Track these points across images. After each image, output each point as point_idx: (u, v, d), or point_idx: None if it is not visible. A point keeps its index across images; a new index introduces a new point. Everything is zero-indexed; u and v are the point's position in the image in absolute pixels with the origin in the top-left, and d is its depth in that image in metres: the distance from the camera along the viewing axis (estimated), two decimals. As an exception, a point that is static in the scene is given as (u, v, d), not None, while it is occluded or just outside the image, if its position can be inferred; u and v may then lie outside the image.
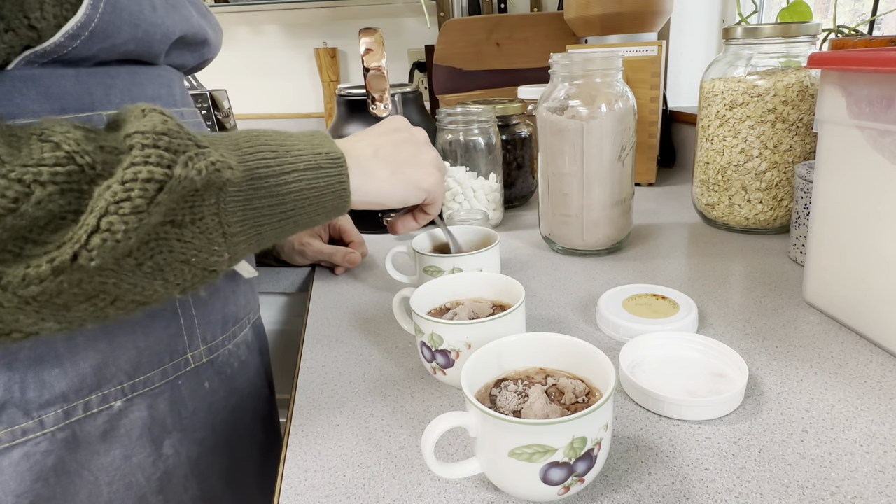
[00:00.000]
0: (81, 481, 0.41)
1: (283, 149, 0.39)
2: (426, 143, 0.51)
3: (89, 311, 0.32)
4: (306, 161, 0.40)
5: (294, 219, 0.40)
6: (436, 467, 0.34)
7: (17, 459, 0.39)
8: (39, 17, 0.34)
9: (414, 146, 0.49)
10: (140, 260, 0.32)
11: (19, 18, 0.33)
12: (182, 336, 0.46)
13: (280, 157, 0.39)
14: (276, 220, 0.39)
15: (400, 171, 0.47)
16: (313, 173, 0.40)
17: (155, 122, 0.32)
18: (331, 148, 0.42)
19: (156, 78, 0.46)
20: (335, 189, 0.42)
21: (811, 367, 0.47)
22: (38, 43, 0.35)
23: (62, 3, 0.35)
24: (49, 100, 0.38)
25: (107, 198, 0.29)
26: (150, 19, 0.41)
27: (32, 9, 0.34)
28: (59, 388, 0.39)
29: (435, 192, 0.50)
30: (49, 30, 0.35)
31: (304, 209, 0.40)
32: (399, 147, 0.48)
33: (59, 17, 0.35)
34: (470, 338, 0.43)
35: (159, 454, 0.45)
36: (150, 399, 0.44)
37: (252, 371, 0.56)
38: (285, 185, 0.38)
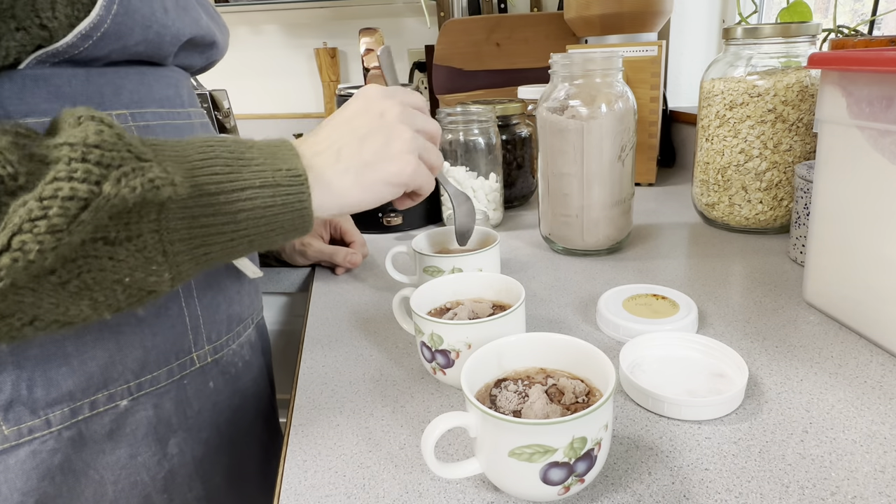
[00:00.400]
0: (87, 480, 0.42)
1: (238, 163, 0.36)
2: (398, 119, 0.43)
3: (3, 330, 0.30)
4: (263, 177, 0.37)
5: (248, 238, 0.37)
6: (436, 467, 0.34)
7: (24, 457, 0.39)
8: (51, 16, 0.34)
9: (382, 134, 0.42)
10: (64, 278, 0.30)
11: (31, 18, 0.34)
12: (188, 335, 0.46)
13: (234, 173, 0.36)
14: (226, 238, 0.36)
15: (366, 173, 0.41)
16: (270, 191, 0.37)
17: (87, 133, 0.30)
18: (292, 164, 0.38)
19: (164, 78, 0.47)
20: (295, 208, 0.38)
21: (811, 367, 0.47)
22: (49, 43, 0.36)
23: (74, 4, 0.35)
24: (59, 99, 0.38)
25: (21, 215, 0.27)
26: (162, 21, 0.41)
27: (44, 8, 0.34)
28: (66, 386, 0.40)
29: (415, 181, 0.44)
30: (61, 30, 0.35)
31: (258, 229, 0.37)
32: (364, 141, 0.42)
33: (72, 17, 0.35)
34: (470, 338, 0.43)
35: (164, 453, 0.46)
36: (156, 398, 0.45)
37: (255, 371, 0.56)
38: (238, 202, 0.35)
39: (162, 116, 0.46)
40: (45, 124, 0.37)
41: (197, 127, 0.51)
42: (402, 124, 0.43)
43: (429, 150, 0.45)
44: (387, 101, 0.44)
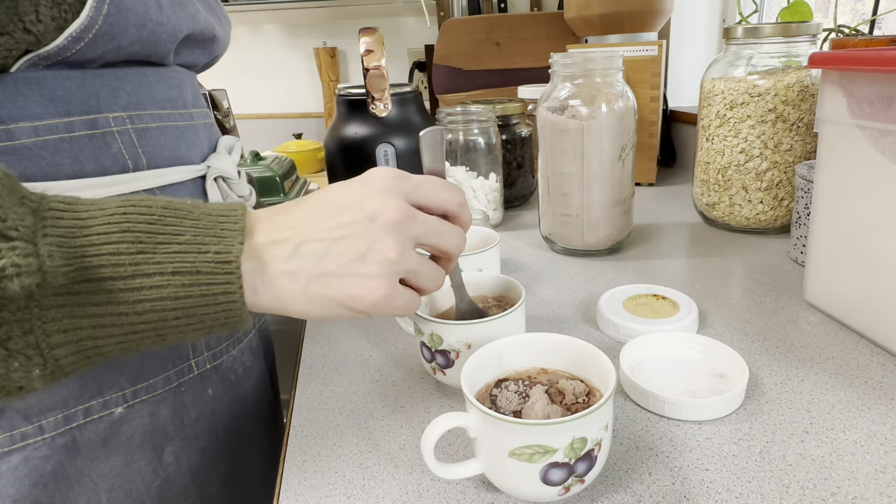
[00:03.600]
0: (81, 487, 0.41)
1: (154, 240, 0.30)
2: (391, 232, 0.34)
3: None
4: (180, 262, 0.30)
5: (157, 332, 0.31)
6: (436, 468, 0.34)
7: (17, 464, 0.38)
8: (35, 20, 0.33)
9: (359, 243, 0.33)
10: None
11: (14, 23, 0.33)
12: (186, 342, 0.45)
13: (142, 254, 0.30)
14: (125, 332, 0.30)
15: (320, 283, 0.33)
16: (185, 279, 0.30)
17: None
18: (226, 246, 0.31)
19: (165, 79, 0.46)
20: (218, 302, 0.31)
21: (812, 368, 0.47)
22: (37, 46, 0.35)
23: (59, 6, 0.34)
24: (53, 102, 0.37)
25: None
26: (156, 19, 0.40)
27: (27, 12, 0.33)
28: (60, 393, 0.39)
29: (380, 310, 0.34)
30: (48, 33, 0.34)
31: (167, 322, 0.31)
32: (334, 245, 0.33)
33: (58, 19, 0.34)
34: (470, 338, 0.43)
35: (160, 461, 0.45)
36: (152, 405, 0.44)
37: (256, 377, 0.55)
38: (141, 290, 0.30)
39: (162, 118, 0.45)
40: (38, 129, 0.36)
41: (200, 128, 0.50)
42: (391, 238, 0.33)
43: (420, 274, 0.36)
44: (389, 202, 0.34)
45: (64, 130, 0.38)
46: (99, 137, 0.40)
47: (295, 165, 1.18)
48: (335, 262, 0.33)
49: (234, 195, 0.51)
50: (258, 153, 1.11)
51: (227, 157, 0.50)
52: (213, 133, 0.53)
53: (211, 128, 0.53)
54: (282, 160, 1.13)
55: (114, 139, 0.40)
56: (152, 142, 0.43)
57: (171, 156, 0.45)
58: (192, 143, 0.48)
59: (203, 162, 0.49)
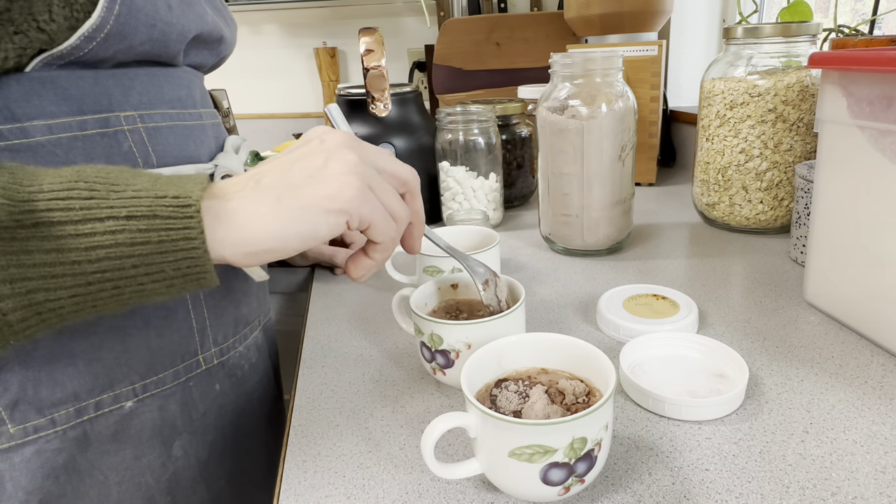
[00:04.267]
0: (91, 480, 0.42)
1: (107, 188, 0.29)
2: (345, 145, 0.34)
3: None
4: (135, 206, 0.29)
5: (113, 284, 0.29)
6: (436, 468, 0.34)
7: (29, 456, 0.39)
8: (48, 19, 0.34)
9: (320, 156, 0.33)
10: None
11: (28, 22, 0.33)
12: (194, 337, 0.46)
13: (94, 199, 0.28)
14: (78, 283, 0.28)
15: (290, 195, 0.32)
16: (141, 224, 0.28)
17: None
18: (184, 190, 0.30)
19: (175, 79, 0.47)
20: (179, 247, 0.29)
21: (812, 368, 0.47)
22: (50, 45, 0.35)
23: (72, 6, 0.35)
24: (67, 101, 0.38)
25: None
26: (166, 19, 0.41)
27: (41, 11, 0.34)
28: (72, 387, 0.40)
29: (358, 209, 0.33)
30: (61, 32, 0.35)
31: (124, 272, 0.29)
32: (295, 164, 0.33)
33: (71, 19, 0.35)
34: (470, 338, 0.43)
35: (169, 455, 0.45)
36: (162, 400, 0.45)
37: (261, 373, 0.56)
38: (90, 236, 0.28)
39: (172, 118, 0.46)
40: (52, 127, 0.37)
41: (208, 128, 0.51)
42: (347, 148, 0.34)
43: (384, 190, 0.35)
44: (333, 133, 0.35)
45: (77, 129, 0.39)
46: (111, 136, 0.40)
47: (295, 165, 1.17)
48: (300, 176, 0.33)
49: None
50: (258, 153, 1.11)
51: (234, 157, 0.51)
52: (221, 133, 0.54)
53: (218, 127, 0.54)
54: (282, 160, 1.13)
55: (125, 137, 0.41)
56: (162, 140, 0.44)
57: (180, 154, 0.46)
58: (201, 142, 0.49)
59: (211, 161, 0.50)
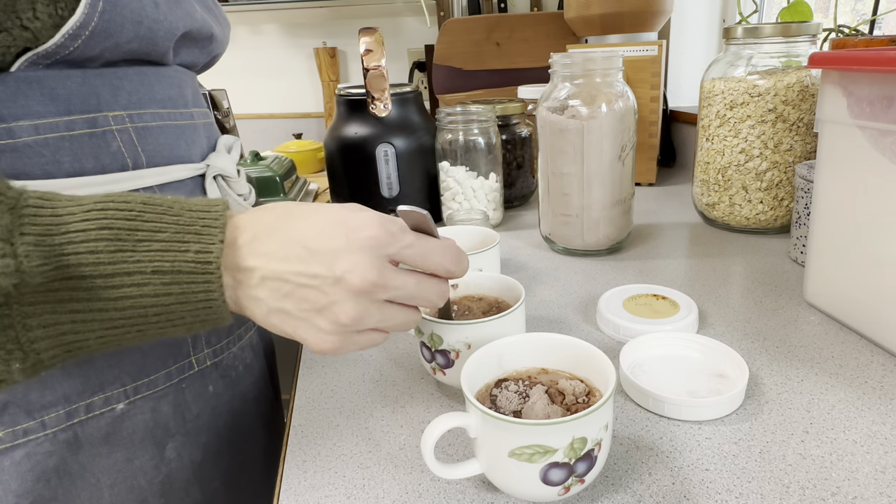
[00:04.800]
0: (83, 483, 0.41)
1: (133, 238, 0.30)
2: (352, 297, 0.33)
3: None
4: (160, 262, 0.30)
5: (137, 328, 0.32)
6: (436, 468, 0.34)
7: (19, 459, 0.38)
8: (32, 17, 0.34)
9: (322, 298, 0.33)
10: None
11: (11, 19, 0.33)
12: (187, 339, 0.46)
13: (122, 251, 0.30)
14: (105, 327, 0.31)
15: (278, 317, 0.34)
16: (165, 279, 0.30)
17: None
18: (205, 245, 0.31)
19: (165, 79, 0.46)
20: (199, 299, 0.31)
21: (812, 368, 0.47)
22: (35, 44, 0.35)
23: (56, 3, 0.34)
24: (54, 101, 0.38)
25: None
26: (153, 16, 0.41)
27: (24, 9, 0.33)
28: (62, 389, 0.39)
29: (334, 354, 0.35)
30: (45, 30, 0.35)
31: (147, 319, 0.31)
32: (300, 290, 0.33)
33: (55, 16, 0.35)
34: (469, 338, 0.43)
35: (162, 457, 0.45)
36: (154, 402, 0.44)
37: (257, 374, 0.56)
38: (121, 288, 0.30)
39: (163, 117, 0.45)
40: (39, 127, 0.37)
41: (200, 127, 0.50)
42: (351, 303, 0.33)
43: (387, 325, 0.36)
44: (361, 266, 0.32)
45: (64, 129, 0.38)
46: (99, 136, 0.40)
47: (295, 165, 1.17)
48: (293, 306, 0.33)
49: (233, 193, 0.52)
50: (258, 153, 1.11)
51: (226, 156, 0.51)
52: (213, 132, 0.54)
53: (210, 127, 0.53)
54: (282, 160, 1.13)
55: (113, 138, 0.41)
56: (152, 140, 0.44)
57: (171, 154, 0.45)
58: (192, 142, 0.48)
59: (203, 161, 0.49)
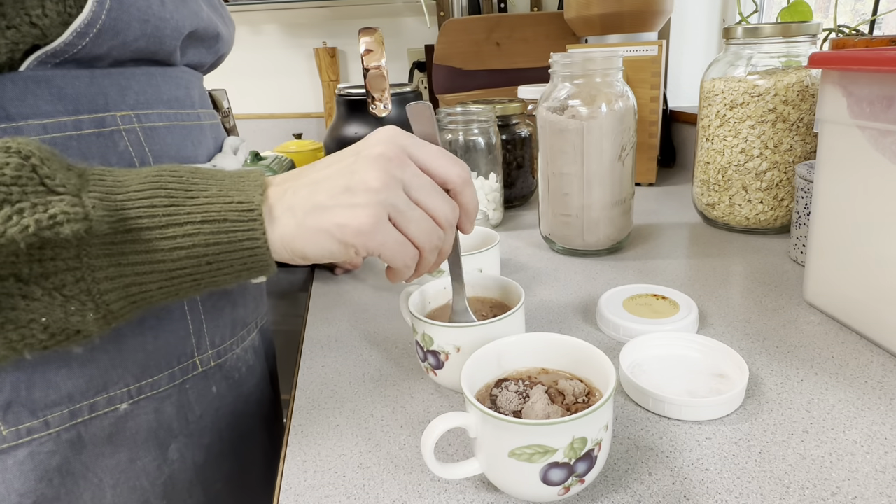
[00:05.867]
0: (86, 483, 0.41)
1: (185, 195, 0.33)
2: (374, 164, 0.34)
3: None
4: (208, 212, 0.33)
5: (192, 278, 0.34)
6: (436, 468, 0.34)
7: (22, 459, 0.39)
8: (41, 14, 0.34)
9: (348, 173, 0.35)
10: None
11: (20, 16, 0.34)
12: (190, 339, 0.46)
13: (174, 206, 0.33)
14: (164, 278, 0.33)
15: (312, 215, 0.34)
16: (213, 227, 0.33)
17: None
18: (248, 195, 0.34)
19: (173, 79, 0.46)
20: (244, 247, 0.34)
21: (812, 368, 0.47)
22: (43, 41, 0.35)
23: (64, 1, 0.35)
24: (63, 101, 0.38)
25: None
26: (159, 14, 0.41)
27: (34, 6, 0.34)
28: (66, 388, 0.39)
29: (366, 244, 0.34)
30: (54, 28, 0.35)
31: (200, 268, 0.34)
32: (326, 180, 0.35)
33: (64, 14, 0.35)
34: (459, 341, 0.42)
35: (164, 458, 0.45)
36: (157, 402, 0.44)
37: (259, 376, 0.56)
38: (175, 238, 0.33)
39: (170, 118, 0.45)
40: (47, 126, 0.37)
41: (207, 128, 0.50)
42: (374, 169, 0.34)
43: (411, 218, 0.35)
44: (380, 143, 0.35)
45: (72, 128, 0.38)
46: (106, 136, 0.40)
47: (295, 165, 1.17)
48: (325, 195, 0.35)
49: None
50: (258, 153, 1.11)
51: (232, 157, 0.51)
52: (219, 133, 0.54)
53: (217, 128, 0.53)
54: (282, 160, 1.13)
55: (121, 137, 0.41)
56: (159, 140, 0.44)
57: (178, 155, 0.45)
58: (199, 142, 0.49)
59: (209, 161, 0.50)
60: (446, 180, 0.37)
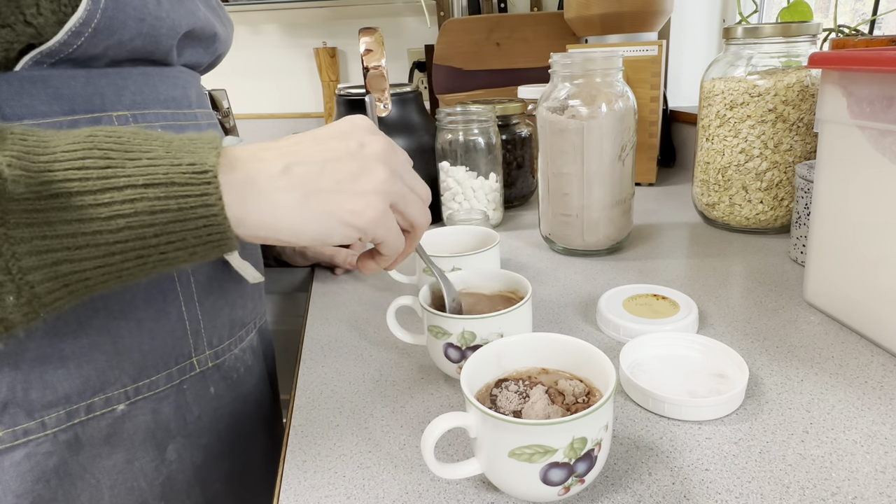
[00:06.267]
0: (83, 484, 0.41)
1: (125, 156, 0.29)
2: (381, 158, 0.36)
3: None
4: (152, 174, 0.29)
5: (137, 254, 0.29)
6: (436, 468, 0.34)
7: (19, 460, 0.38)
8: (36, 13, 0.34)
9: (356, 162, 0.35)
10: None
11: (15, 14, 0.33)
12: (188, 340, 0.46)
13: (111, 168, 0.28)
14: (102, 254, 0.29)
15: (317, 198, 0.33)
16: (159, 191, 0.29)
17: None
18: (199, 158, 0.30)
19: (170, 79, 0.46)
20: (199, 215, 0.30)
21: (812, 368, 0.47)
22: (38, 40, 0.35)
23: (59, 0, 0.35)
24: (59, 101, 0.38)
25: None
26: (155, 13, 0.41)
27: (28, 5, 0.33)
28: (63, 389, 0.39)
29: (375, 230, 0.36)
30: (49, 27, 0.35)
31: (146, 241, 0.29)
32: (328, 165, 0.34)
33: (59, 13, 0.35)
34: (502, 328, 0.43)
35: (162, 459, 0.45)
36: (155, 403, 0.44)
37: (257, 376, 0.56)
38: (112, 205, 0.28)
39: (166, 118, 0.45)
40: (42, 126, 0.37)
41: (204, 128, 0.50)
42: (381, 163, 0.36)
43: (409, 201, 0.38)
44: (374, 136, 0.37)
45: (68, 128, 0.38)
46: None
47: (295, 165, 1.17)
48: (330, 181, 0.34)
49: None
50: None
51: None
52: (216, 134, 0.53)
53: (215, 128, 0.53)
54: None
55: None
56: None
57: None
58: None
59: None
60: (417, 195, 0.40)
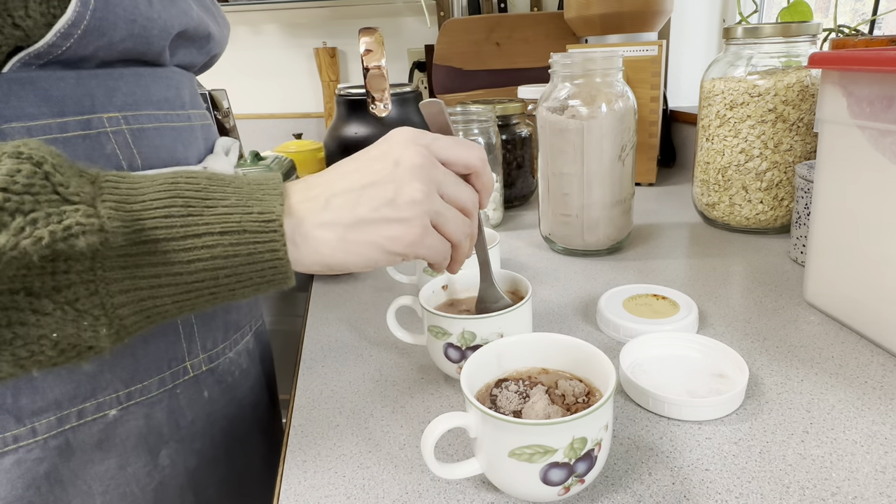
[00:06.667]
0: (75, 490, 0.41)
1: (202, 204, 0.32)
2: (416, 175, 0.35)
3: None
4: (227, 223, 0.32)
5: (210, 291, 0.33)
6: (436, 468, 0.34)
7: (9, 466, 0.38)
8: (24, 15, 0.33)
9: (388, 187, 0.35)
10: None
11: (2, 17, 0.33)
12: (181, 344, 0.45)
13: (192, 216, 0.31)
14: (180, 291, 0.32)
15: (356, 230, 0.35)
16: (233, 238, 0.32)
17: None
18: (267, 206, 0.33)
19: (162, 80, 0.45)
20: (265, 259, 0.33)
21: (812, 368, 0.47)
22: (27, 42, 0.35)
23: (48, 1, 0.34)
24: (48, 103, 0.37)
25: None
26: (146, 14, 0.40)
27: (16, 7, 0.33)
28: (53, 394, 0.39)
29: (417, 251, 0.36)
30: (38, 29, 0.34)
31: (218, 281, 0.32)
32: (364, 192, 0.35)
33: (48, 15, 0.34)
34: (502, 328, 0.43)
35: (155, 464, 0.44)
36: (147, 408, 0.43)
37: (253, 380, 0.55)
38: (192, 251, 0.31)
39: (159, 119, 0.44)
40: (31, 129, 0.36)
41: (198, 129, 0.50)
42: (417, 180, 0.35)
43: (448, 218, 0.37)
44: (410, 148, 0.36)
45: (57, 131, 0.38)
46: (93, 138, 0.39)
47: (295, 165, 1.17)
48: (367, 209, 0.35)
49: None
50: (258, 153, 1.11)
51: (223, 159, 0.50)
52: (211, 134, 0.53)
53: (208, 129, 0.53)
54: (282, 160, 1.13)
55: (108, 139, 0.40)
56: (148, 142, 0.43)
57: (168, 156, 0.45)
58: (189, 144, 0.48)
59: (199, 163, 0.49)
60: (468, 166, 0.39)
